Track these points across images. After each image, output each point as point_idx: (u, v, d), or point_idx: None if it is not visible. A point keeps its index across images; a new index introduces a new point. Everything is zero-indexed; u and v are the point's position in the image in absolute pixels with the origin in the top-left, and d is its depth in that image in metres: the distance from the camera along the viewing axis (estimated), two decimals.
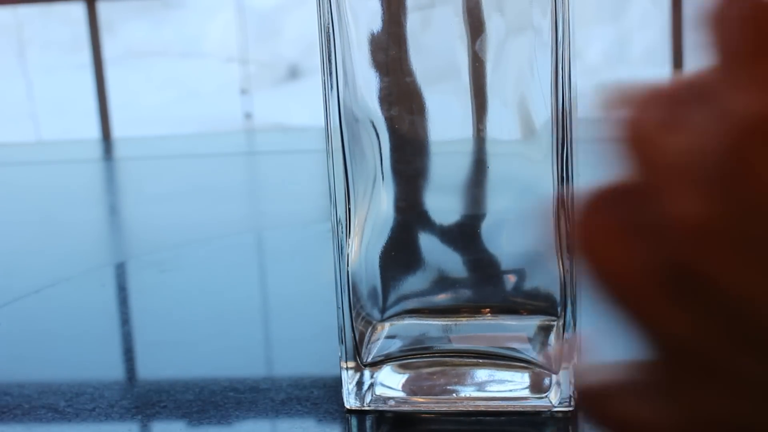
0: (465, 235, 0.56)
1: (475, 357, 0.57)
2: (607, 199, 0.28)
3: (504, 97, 0.54)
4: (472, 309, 0.57)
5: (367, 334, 0.58)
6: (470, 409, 0.56)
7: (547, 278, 0.55)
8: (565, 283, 0.55)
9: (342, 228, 0.56)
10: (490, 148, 0.55)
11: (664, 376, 0.28)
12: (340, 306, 0.57)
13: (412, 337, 0.58)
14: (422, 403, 0.57)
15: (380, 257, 0.57)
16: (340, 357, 0.57)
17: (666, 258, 0.25)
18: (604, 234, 0.27)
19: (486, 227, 0.56)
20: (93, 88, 2.47)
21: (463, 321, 0.57)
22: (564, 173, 0.53)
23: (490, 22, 0.53)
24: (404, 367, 0.58)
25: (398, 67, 0.54)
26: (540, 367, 0.56)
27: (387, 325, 0.58)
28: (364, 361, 0.57)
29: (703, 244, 0.24)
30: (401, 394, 0.57)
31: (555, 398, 0.56)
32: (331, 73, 0.54)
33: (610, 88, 0.27)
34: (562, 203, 0.54)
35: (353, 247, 0.56)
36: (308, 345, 0.67)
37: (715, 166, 0.23)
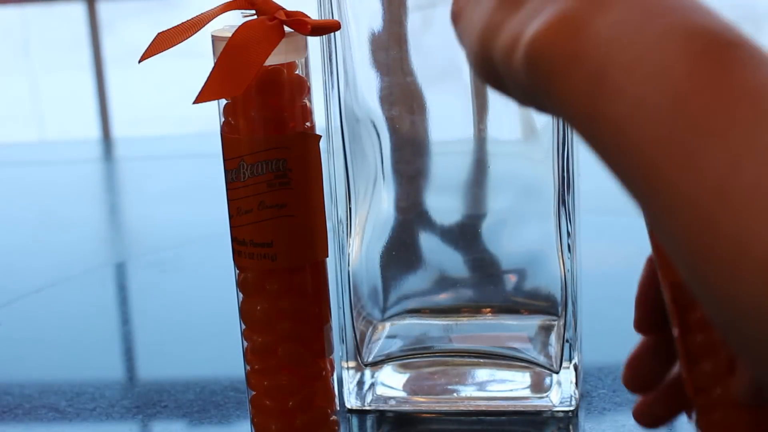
0: (466, 234, 0.56)
1: (475, 357, 0.57)
2: None
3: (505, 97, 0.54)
4: (473, 309, 0.57)
5: (368, 333, 0.58)
6: (471, 408, 0.56)
7: (548, 278, 0.55)
8: (565, 283, 0.55)
9: (343, 228, 0.56)
10: (491, 148, 0.55)
11: None
12: (341, 306, 0.57)
13: (413, 337, 0.58)
14: (423, 402, 0.57)
15: (381, 257, 0.57)
16: (341, 357, 0.57)
17: None
18: None
19: (487, 227, 0.56)
20: (93, 88, 2.47)
21: (464, 321, 0.57)
22: (564, 173, 0.53)
23: None
24: (405, 367, 0.58)
25: (399, 66, 0.54)
26: (541, 366, 0.56)
27: (388, 324, 0.58)
28: (365, 360, 0.57)
29: None
30: (402, 394, 0.57)
31: (556, 398, 0.56)
32: (331, 73, 0.54)
33: None
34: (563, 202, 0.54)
35: (354, 247, 0.56)
36: None
37: None
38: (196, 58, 0.79)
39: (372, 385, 0.57)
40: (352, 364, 0.57)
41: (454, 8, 0.39)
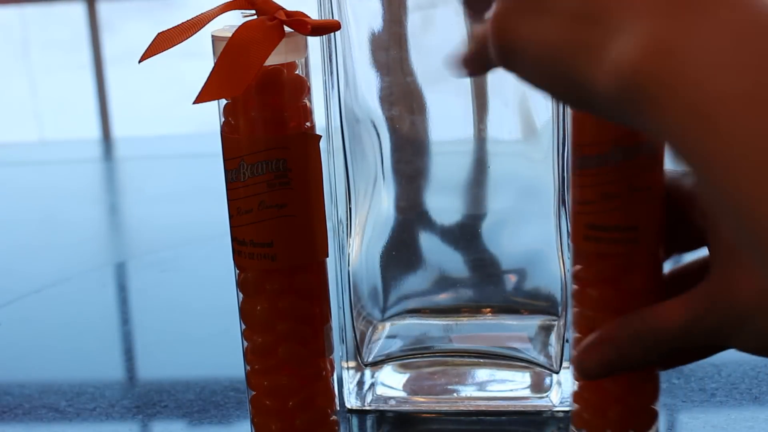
0: (466, 234, 0.56)
1: (475, 357, 0.57)
2: None
3: (505, 97, 0.54)
4: (473, 309, 0.57)
5: (368, 333, 0.58)
6: (471, 408, 0.56)
7: (548, 278, 0.55)
8: (565, 283, 0.55)
9: (343, 228, 0.56)
10: (491, 148, 0.55)
11: None
12: (341, 306, 0.57)
13: (413, 337, 0.58)
14: (423, 402, 0.57)
15: (381, 257, 0.57)
16: (341, 357, 0.57)
17: None
18: None
19: (487, 227, 0.56)
20: (93, 88, 2.48)
21: (464, 321, 0.57)
22: (564, 173, 0.53)
23: None
24: (405, 367, 0.58)
25: (399, 66, 0.54)
26: (541, 366, 0.56)
27: (388, 324, 0.58)
28: (365, 360, 0.57)
29: None
30: (402, 394, 0.57)
31: (556, 398, 0.56)
32: (331, 73, 0.54)
33: None
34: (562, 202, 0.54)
35: (354, 247, 0.56)
36: None
37: None
38: (196, 58, 0.79)
39: (372, 385, 0.57)
40: (352, 364, 0.57)
41: (499, 24, 0.37)
